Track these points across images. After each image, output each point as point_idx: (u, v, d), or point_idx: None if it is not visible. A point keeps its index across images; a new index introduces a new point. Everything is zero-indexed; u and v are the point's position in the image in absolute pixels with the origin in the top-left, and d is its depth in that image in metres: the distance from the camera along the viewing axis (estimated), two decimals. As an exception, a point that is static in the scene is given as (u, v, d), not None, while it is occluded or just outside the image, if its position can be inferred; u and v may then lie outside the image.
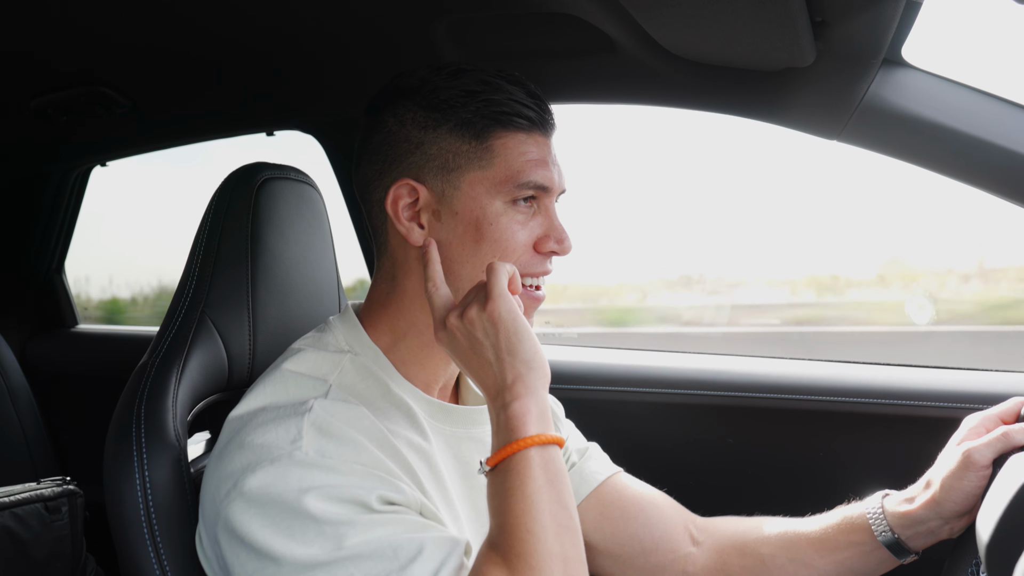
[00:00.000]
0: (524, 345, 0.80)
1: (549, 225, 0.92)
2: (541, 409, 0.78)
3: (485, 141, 0.89)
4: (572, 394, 1.56)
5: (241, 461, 0.78)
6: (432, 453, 0.89)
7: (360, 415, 0.83)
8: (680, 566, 1.07)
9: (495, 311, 0.80)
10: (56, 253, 2.38)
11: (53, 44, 1.41)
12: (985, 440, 0.93)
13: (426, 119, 0.90)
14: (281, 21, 1.30)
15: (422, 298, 0.92)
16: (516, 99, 0.90)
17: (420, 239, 0.90)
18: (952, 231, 2.53)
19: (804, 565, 1.02)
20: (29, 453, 1.96)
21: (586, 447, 1.16)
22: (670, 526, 1.08)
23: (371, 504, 0.75)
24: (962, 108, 1.12)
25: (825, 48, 1.08)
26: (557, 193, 0.94)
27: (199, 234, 1.03)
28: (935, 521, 0.95)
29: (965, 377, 1.41)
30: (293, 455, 0.76)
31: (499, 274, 0.82)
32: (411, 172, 0.90)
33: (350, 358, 0.90)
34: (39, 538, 1.43)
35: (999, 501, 0.83)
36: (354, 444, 0.79)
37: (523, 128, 0.90)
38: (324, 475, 0.75)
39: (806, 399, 1.47)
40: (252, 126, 1.84)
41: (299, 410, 0.80)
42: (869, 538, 0.98)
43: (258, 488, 0.75)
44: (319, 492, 0.74)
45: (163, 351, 0.95)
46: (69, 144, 2.05)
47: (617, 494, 1.10)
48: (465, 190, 0.89)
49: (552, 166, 0.92)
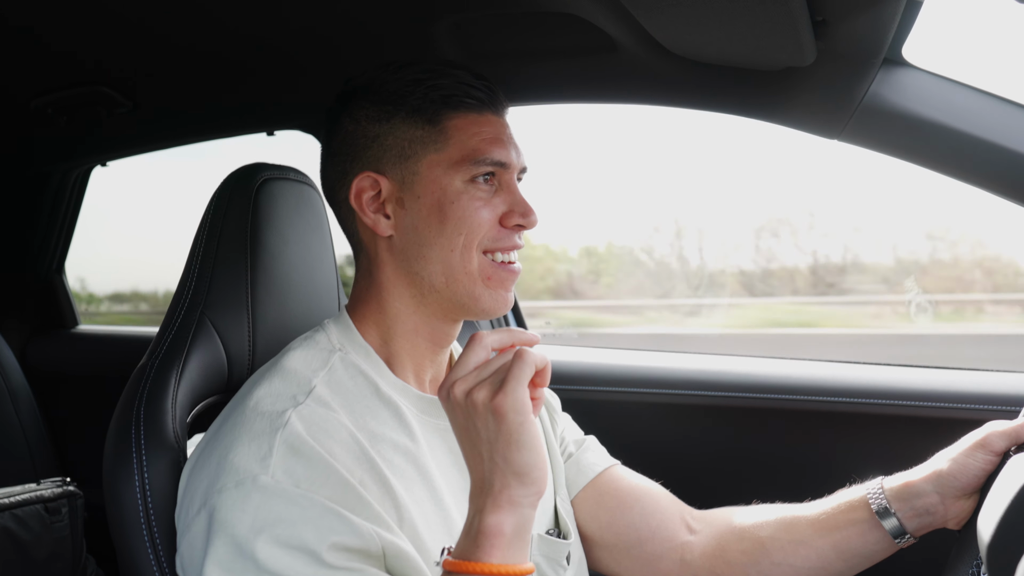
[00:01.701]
0: (522, 454, 0.73)
1: (512, 200, 0.93)
2: (519, 529, 0.74)
3: (438, 124, 0.91)
4: (572, 394, 1.55)
5: (211, 473, 0.79)
6: (419, 454, 0.89)
7: (337, 427, 0.83)
8: (677, 554, 1.07)
9: (502, 406, 0.73)
10: (56, 254, 2.38)
11: (54, 44, 1.40)
12: (1005, 428, 0.94)
13: (379, 113, 0.92)
14: (282, 21, 1.30)
15: (398, 288, 0.94)
16: (463, 81, 0.92)
17: (387, 230, 0.92)
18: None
19: (803, 545, 1.01)
20: (29, 454, 1.95)
21: (583, 439, 1.16)
22: (666, 516, 1.08)
23: (322, 556, 0.74)
24: (963, 108, 1.12)
25: (826, 48, 1.08)
26: (517, 170, 0.95)
27: (198, 235, 1.03)
28: (933, 496, 0.95)
29: (966, 377, 1.41)
30: (258, 479, 0.76)
31: (525, 365, 0.74)
32: (371, 165, 0.92)
33: (339, 356, 0.91)
34: (39, 539, 1.43)
35: (1001, 501, 0.83)
36: (323, 466, 0.78)
37: (474, 108, 0.92)
38: (283, 508, 0.75)
39: (806, 399, 1.47)
40: (253, 126, 1.84)
41: (275, 424, 0.81)
42: (868, 515, 0.98)
43: (219, 512, 0.76)
44: (271, 533, 0.74)
45: (162, 352, 0.94)
46: (69, 144, 2.05)
47: (614, 485, 1.11)
48: (424, 174, 0.91)
49: (508, 143, 0.93)
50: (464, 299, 0.92)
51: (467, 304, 0.92)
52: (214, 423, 0.87)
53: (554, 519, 1.06)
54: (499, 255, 0.93)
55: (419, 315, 0.94)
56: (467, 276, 0.91)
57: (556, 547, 1.01)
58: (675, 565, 1.06)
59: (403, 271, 0.93)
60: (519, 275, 0.96)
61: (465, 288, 0.91)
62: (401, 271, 0.93)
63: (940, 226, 3.30)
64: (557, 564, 1.00)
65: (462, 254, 0.90)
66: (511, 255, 0.94)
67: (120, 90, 1.60)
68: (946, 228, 3.34)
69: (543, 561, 0.99)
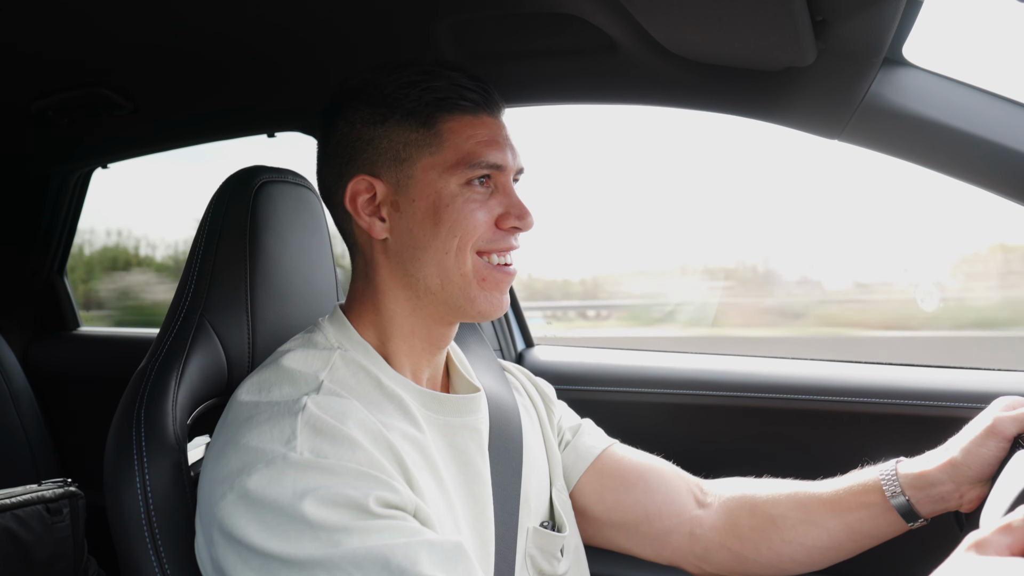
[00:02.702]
0: None
1: (508, 203, 0.93)
2: None
3: (433, 127, 0.90)
4: (572, 394, 1.55)
5: (236, 463, 0.78)
6: (427, 443, 0.89)
7: (353, 409, 0.83)
8: (687, 528, 1.07)
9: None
10: (57, 255, 2.39)
11: (55, 46, 1.41)
12: (1013, 414, 0.94)
13: (373, 115, 0.92)
14: (282, 23, 1.30)
15: (394, 290, 0.93)
16: (458, 83, 0.91)
17: (382, 232, 0.92)
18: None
19: (815, 525, 1.02)
20: (31, 455, 1.96)
21: (578, 424, 1.17)
22: (672, 490, 1.09)
23: (368, 507, 0.75)
24: (963, 107, 1.12)
25: (826, 47, 1.08)
26: (513, 172, 0.95)
27: (197, 237, 1.03)
28: (948, 485, 0.95)
29: (966, 377, 1.41)
30: (288, 457, 0.76)
31: None
32: (366, 168, 0.92)
33: (340, 354, 0.91)
34: (41, 540, 1.43)
35: (1006, 496, 0.83)
36: (348, 441, 0.79)
37: (468, 110, 0.91)
38: (320, 476, 0.75)
39: (806, 399, 1.47)
40: (254, 127, 1.84)
41: (292, 409, 0.81)
42: (881, 499, 0.98)
43: (254, 491, 0.75)
44: (315, 495, 0.74)
45: (162, 355, 0.94)
46: (70, 146, 2.05)
47: (615, 464, 1.11)
48: (419, 177, 0.90)
49: (504, 145, 0.93)
50: (459, 301, 0.92)
51: (462, 306, 0.92)
52: (218, 429, 0.86)
53: (549, 512, 1.06)
54: (494, 257, 0.93)
55: (415, 317, 0.94)
56: (461, 278, 0.91)
57: (551, 540, 1.01)
58: (685, 539, 1.07)
59: (399, 273, 0.93)
60: (515, 277, 0.96)
61: (460, 290, 0.91)
62: (397, 273, 0.93)
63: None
64: (552, 556, 1.01)
65: (456, 256, 0.90)
66: (506, 257, 0.94)
67: (121, 92, 1.60)
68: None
69: (537, 553, 1.00)
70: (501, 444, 1.01)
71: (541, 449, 1.09)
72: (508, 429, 1.03)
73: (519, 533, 0.98)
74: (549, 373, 1.73)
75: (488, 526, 0.93)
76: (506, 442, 1.02)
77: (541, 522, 1.03)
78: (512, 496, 0.98)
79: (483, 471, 0.96)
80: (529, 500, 1.01)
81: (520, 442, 1.04)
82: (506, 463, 1.00)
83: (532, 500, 1.02)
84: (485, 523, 0.93)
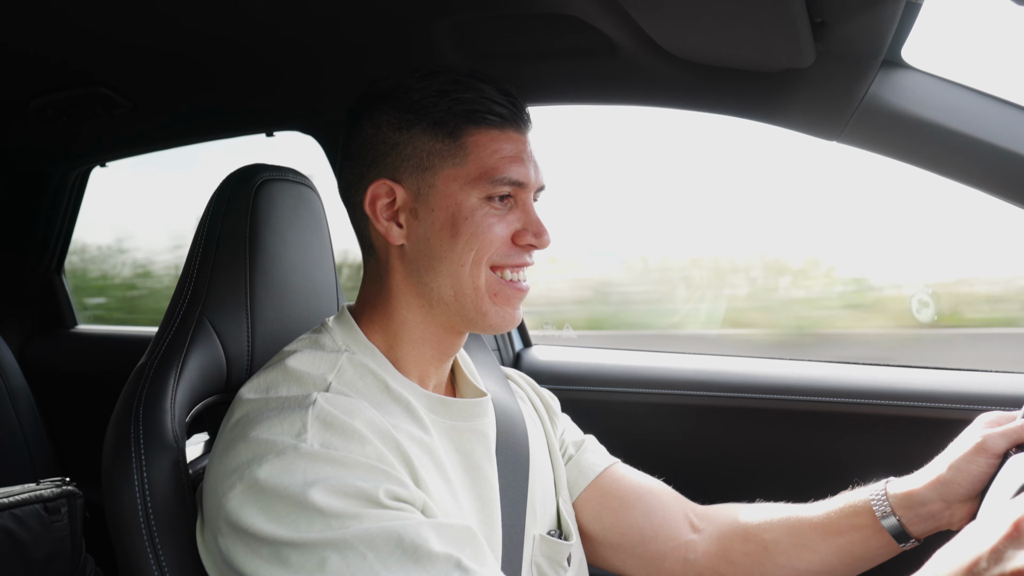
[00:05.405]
0: None
1: (527, 219, 0.93)
2: None
3: (458, 139, 0.90)
4: (572, 394, 1.56)
5: (246, 455, 0.78)
6: (434, 446, 0.89)
7: (362, 408, 0.83)
8: (681, 553, 1.07)
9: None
10: (55, 254, 2.39)
11: (53, 44, 1.41)
12: (1002, 429, 0.93)
13: (400, 120, 0.91)
14: (281, 22, 1.30)
15: (407, 296, 0.93)
16: (488, 96, 0.91)
17: (399, 238, 0.92)
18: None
19: (807, 550, 1.01)
20: (28, 454, 1.95)
21: (582, 439, 1.16)
22: (669, 514, 1.08)
23: (379, 498, 0.75)
24: (962, 109, 1.12)
25: (825, 49, 1.08)
26: (534, 189, 0.94)
27: (197, 235, 1.03)
28: (938, 503, 0.94)
29: (966, 378, 1.41)
30: (299, 448, 0.76)
31: None
32: (388, 172, 0.92)
33: (347, 356, 0.91)
34: (38, 539, 1.43)
35: (999, 503, 0.83)
36: (358, 436, 0.79)
37: (496, 125, 0.91)
38: (330, 467, 0.76)
39: (806, 399, 1.47)
40: (252, 127, 1.84)
41: (303, 403, 0.81)
42: (871, 520, 0.98)
43: (264, 481, 0.75)
44: (325, 484, 0.74)
45: (161, 352, 0.94)
46: (68, 145, 2.05)
47: (615, 484, 1.11)
48: (440, 187, 0.90)
49: (528, 162, 0.92)
50: (471, 314, 0.92)
51: (474, 319, 0.92)
52: (223, 427, 0.86)
53: (556, 520, 1.06)
54: (507, 272, 0.92)
55: (426, 325, 0.94)
56: (475, 291, 0.91)
57: (558, 548, 1.01)
58: (679, 564, 1.06)
59: (413, 281, 0.93)
60: (527, 293, 0.95)
61: (472, 303, 0.91)
62: (411, 280, 0.93)
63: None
64: (558, 565, 1.01)
65: (471, 269, 0.90)
66: (520, 273, 0.94)
67: (120, 91, 1.60)
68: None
69: (544, 562, 1.00)
70: (508, 449, 1.01)
71: (546, 458, 1.09)
72: (514, 435, 1.03)
73: (526, 540, 0.98)
74: (546, 373, 1.74)
75: (495, 531, 0.93)
76: (513, 447, 1.02)
77: (548, 530, 1.03)
78: (519, 502, 0.98)
79: (490, 475, 0.96)
80: (535, 507, 1.01)
81: (527, 448, 1.04)
82: (513, 468, 1.00)
83: (538, 507, 1.02)
84: (492, 527, 0.93)
